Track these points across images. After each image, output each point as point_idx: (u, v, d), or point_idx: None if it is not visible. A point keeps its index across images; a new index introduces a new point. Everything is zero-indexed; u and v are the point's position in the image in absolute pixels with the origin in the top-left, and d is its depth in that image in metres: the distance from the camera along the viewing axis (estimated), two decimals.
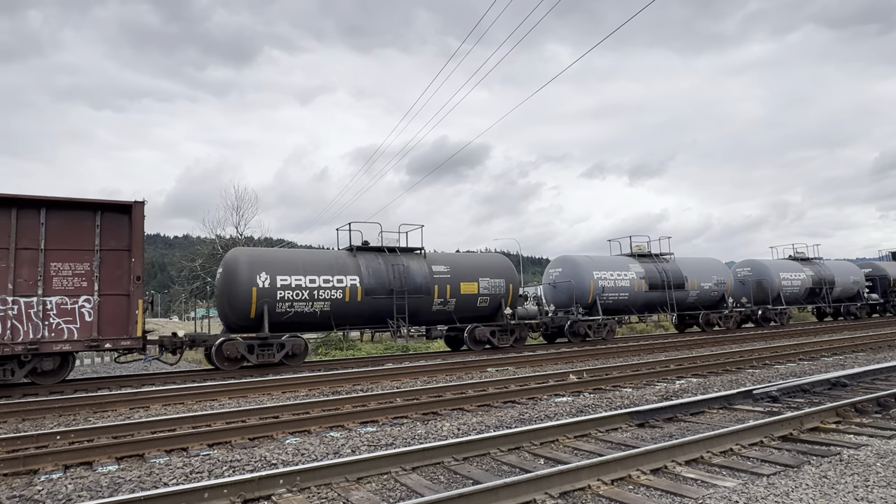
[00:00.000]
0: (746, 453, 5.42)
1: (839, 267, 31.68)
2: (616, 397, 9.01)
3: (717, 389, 9.44)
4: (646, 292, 23.06)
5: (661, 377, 11.12)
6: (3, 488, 5.13)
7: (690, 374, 11.44)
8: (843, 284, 30.89)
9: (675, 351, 16.95)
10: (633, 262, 23.56)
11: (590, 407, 8.28)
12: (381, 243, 17.93)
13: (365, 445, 6.31)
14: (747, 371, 11.72)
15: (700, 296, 24.78)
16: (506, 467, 5.34)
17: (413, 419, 7.83)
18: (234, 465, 5.59)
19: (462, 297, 18.16)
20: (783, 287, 28.06)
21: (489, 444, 5.81)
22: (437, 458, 5.45)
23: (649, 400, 8.67)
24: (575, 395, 9.48)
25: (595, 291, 21.68)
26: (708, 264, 25.88)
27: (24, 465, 5.74)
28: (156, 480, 5.18)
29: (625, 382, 10.53)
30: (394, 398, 9.30)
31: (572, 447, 5.96)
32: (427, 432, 6.86)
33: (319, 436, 6.93)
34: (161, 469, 5.54)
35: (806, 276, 29.28)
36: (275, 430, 7.13)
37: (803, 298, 29.47)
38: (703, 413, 7.54)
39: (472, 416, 7.85)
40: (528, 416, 7.75)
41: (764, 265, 28.40)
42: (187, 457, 6.08)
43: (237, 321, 15.32)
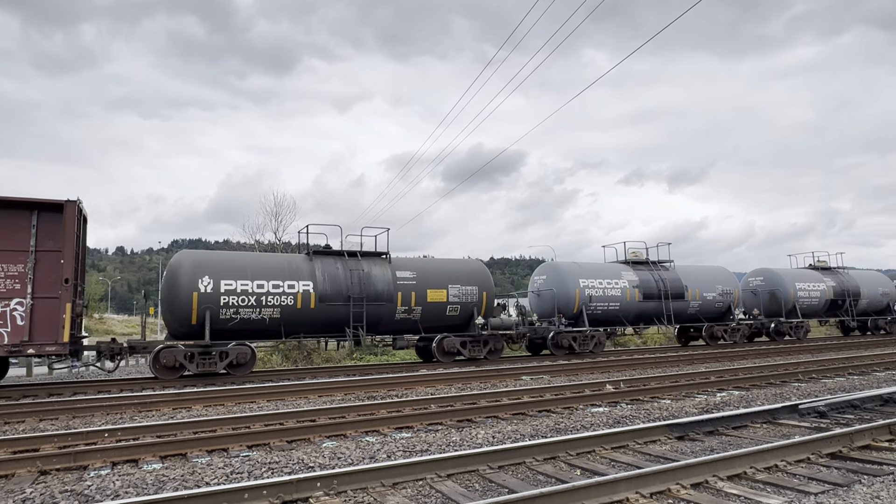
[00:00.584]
0: (792, 470, 5.24)
1: (866, 277, 29.43)
2: (654, 409, 8.83)
3: (761, 403, 9.16)
4: (639, 302, 21.47)
5: (700, 389, 10.84)
6: (55, 482, 5.36)
7: (732, 387, 11.13)
8: (871, 297, 28.63)
9: (669, 367, 16.49)
10: (626, 270, 22.05)
11: (627, 418, 8.13)
12: (342, 247, 17.06)
13: (400, 451, 6.35)
14: (792, 385, 11.33)
15: (702, 307, 23.12)
16: (541, 477, 5.29)
17: (447, 426, 7.84)
18: (273, 467, 5.69)
19: (429, 305, 17.07)
20: (799, 298, 26.16)
21: (524, 452, 5.77)
22: (472, 465, 5.44)
23: (689, 412, 8.47)
24: (612, 405, 9.33)
25: (581, 301, 20.26)
26: (712, 273, 24.26)
27: (75, 461, 5.98)
28: (198, 479, 5.32)
29: (663, 394, 10.31)
30: (428, 404, 9.32)
31: (609, 458, 5.86)
32: (462, 439, 6.86)
33: (355, 440, 7.01)
34: (203, 468, 5.68)
35: (826, 286, 27.28)
36: (312, 433, 7.24)
37: (823, 311, 27.41)
38: (745, 427, 7.33)
39: (506, 425, 7.81)
40: (563, 425, 7.67)
41: (777, 274, 26.60)
42: (228, 457, 6.22)
43: (178, 328, 14.61)
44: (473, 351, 17.48)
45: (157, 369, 13.74)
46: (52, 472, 5.77)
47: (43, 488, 5.13)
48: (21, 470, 5.73)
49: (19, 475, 5.64)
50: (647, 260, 23.08)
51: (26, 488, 5.15)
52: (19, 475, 5.64)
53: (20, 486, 5.21)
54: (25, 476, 5.61)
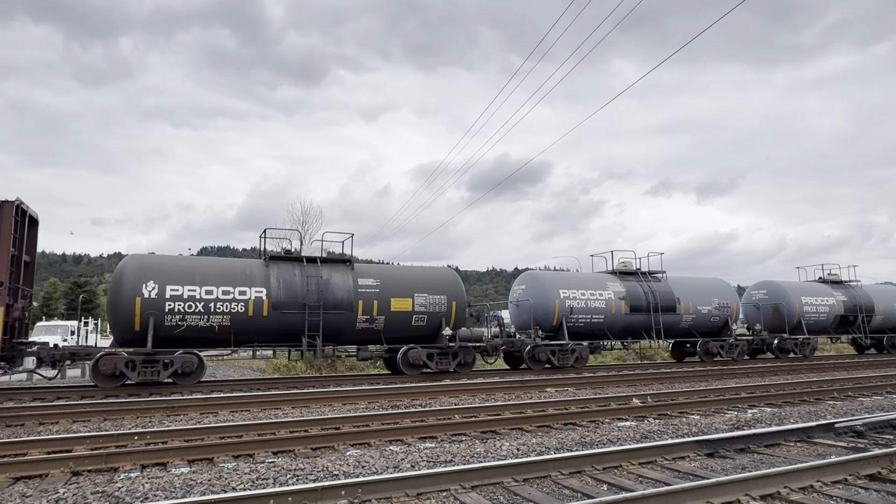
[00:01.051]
0: (829, 491, 5.07)
1: (881, 292, 27.16)
2: (683, 424, 8.65)
3: (794, 421, 8.90)
4: (626, 315, 20.13)
5: (731, 405, 10.58)
6: (87, 483, 5.47)
7: (763, 403, 10.84)
8: (886, 312, 26.54)
9: (697, 381, 16.10)
10: (612, 281, 20.72)
11: (655, 433, 7.98)
12: (301, 252, 16.21)
13: (424, 461, 6.32)
14: (827, 402, 10.99)
15: (696, 321, 21.65)
16: (567, 491, 5.21)
17: (472, 437, 7.79)
18: (298, 474, 5.72)
19: (393, 314, 16.20)
20: (805, 313, 24.44)
21: (550, 466, 5.70)
22: (496, 477, 5.39)
23: (719, 428, 8.27)
24: (639, 419, 9.16)
25: (561, 312, 19.02)
26: (708, 285, 22.85)
27: (106, 463, 6.09)
28: (224, 484, 5.38)
29: (692, 409, 10.09)
30: (452, 415, 9.28)
31: (637, 474, 5.75)
32: (486, 451, 6.80)
33: (379, 449, 7.01)
34: (229, 473, 5.74)
35: (836, 301, 25.45)
36: (336, 440, 7.26)
37: (832, 327, 25.54)
38: (778, 445, 7.12)
39: (531, 437, 7.72)
40: (589, 439, 7.55)
41: (781, 287, 24.91)
42: (253, 463, 6.28)
43: (122, 334, 14.06)
44: (441, 363, 16.50)
45: (97, 377, 13.28)
46: (84, 473, 5.89)
47: (75, 489, 5.24)
48: (55, 470, 5.87)
49: (53, 475, 5.77)
50: (637, 270, 21.75)
51: (59, 488, 5.26)
52: (53, 475, 5.77)
53: (54, 486, 5.34)
54: (59, 476, 5.74)
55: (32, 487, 5.36)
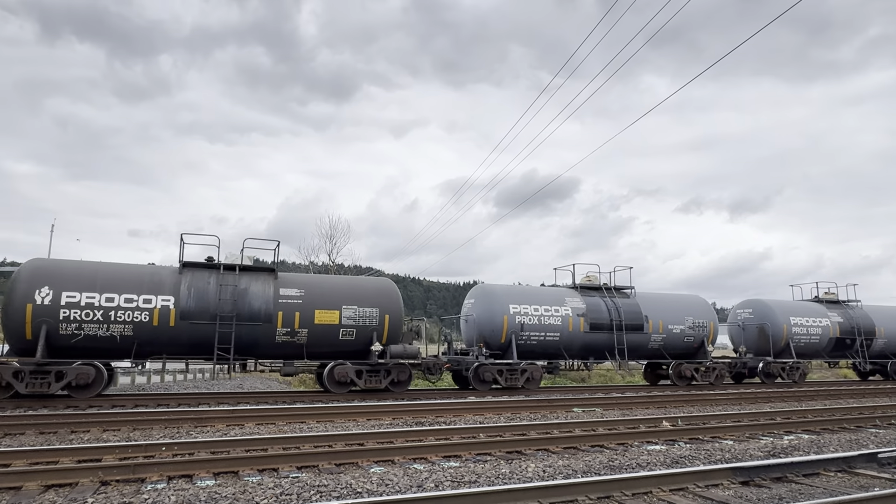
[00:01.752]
0: None
1: (884, 313, 24.91)
2: (715, 449, 8.37)
3: (834, 449, 8.54)
4: (585, 333, 18.51)
5: (766, 430, 10.23)
6: (115, 493, 5.53)
7: (800, 430, 10.45)
8: (891, 336, 24.35)
9: (730, 405, 15.56)
10: (572, 296, 19.10)
11: (686, 458, 7.74)
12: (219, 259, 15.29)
13: (448, 481, 6.23)
14: (869, 430, 10.54)
15: (667, 341, 19.88)
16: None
17: (496, 457, 7.66)
18: (322, 490, 5.69)
19: (317, 327, 15.11)
20: (794, 335, 22.41)
21: (577, 490, 5.56)
22: (522, 500, 5.27)
23: (754, 455, 7.98)
24: (669, 443, 8.91)
25: (510, 329, 17.54)
26: (682, 302, 20.93)
27: (134, 473, 6.16)
28: (249, 499, 5.37)
29: (725, 434, 9.78)
30: (477, 433, 9.17)
31: (668, 501, 5.57)
32: (511, 472, 6.68)
33: (403, 466, 6.94)
34: (254, 488, 5.74)
35: (831, 322, 23.35)
36: (360, 457, 7.22)
37: (827, 351, 23.55)
38: (817, 475, 6.83)
39: (557, 459, 7.56)
40: (618, 462, 7.36)
41: (768, 306, 22.99)
42: (278, 477, 6.27)
43: (15, 343, 13.37)
44: (371, 381, 15.32)
45: None
46: (112, 482, 5.96)
47: (104, 499, 5.30)
48: (84, 479, 5.95)
49: (82, 484, 5.85)
50: (601, 285, 20.14)
51: (88, 498, 5.33)
52: (82, 484, 5.85)
53: (83, 496, 5.40)
54: (88, 485, 5.82)
55: (62, 496, 5.44)
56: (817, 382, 24.54)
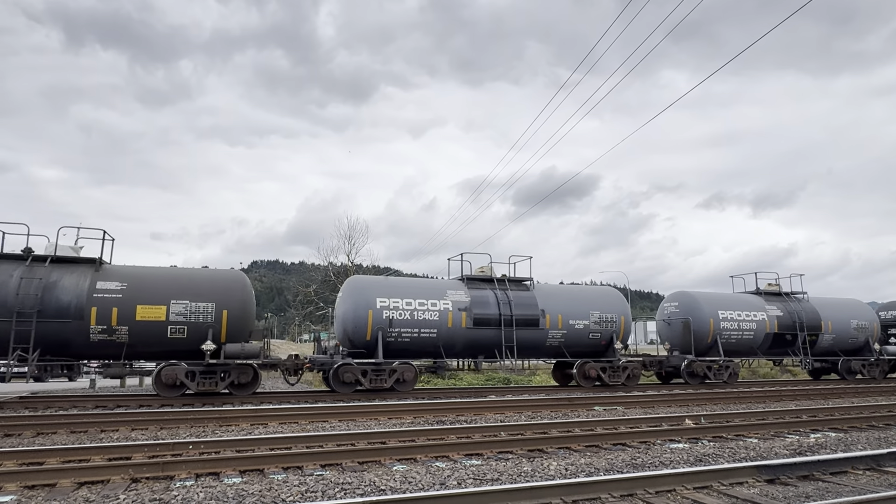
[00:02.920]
0: None
1: (833, 306, 22.63)
2: (740, 447, 8.29)
3: (862, 447, 8.40)
4: (468, 329, 16.68)
5: (791, 428, 10.09)
6: (146, 490, 5.66)
7: (827, 427, 10.29)
8: (839, 331, 22.14)
9: (754, 403, 15.32)
10: (455, 289, 17.23)
11: (710, 456, 7.67)
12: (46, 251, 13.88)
13: (470, 478, 6.27)
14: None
15: (568, 337, 17.92)
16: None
17: (518, 455, 7.68)
18: (346, 488, 5.77)
19: (139, 324, 13.62)
20: (722, 331, 20.12)
21: (600, 487, 5.55)
22: (544, 497, 5.29)
23: (779, 453, 7.88)
24: (692, 441, 8.84)
25: (376, 325, 15.82)
26: (587, 295, 19.17)
27: (163, 471, 6.30)
28: (275, 496, 5.47)
29: (749, 432, 9.67)
30: (498, 432, 9.19)
31: (692, 499, 5.54)
32: (533, 470, 6.69)
33: (425, 464, 6.99)
34: (280, 485, 5.84)
35: (767, 316, 21.01)
36: (382, 455, 7.29)
37: (763, 348, 21.26)
38: (845, 473, 6.72)
39: (579, 457, 7.56)
40: (640, 460, 7.33)
41: (694, 299, 20.72)
42: (302, 475, 6.37)
43: None
44: (206, 384, 14.00)
45: None
46: (142, 480, 6.11)
47: (134, 496, 5.44)
48: (115, 477, 6.10)
49: (114, 481, 6.00)
50: (493, 277, 18.18)
51: (120, 494, 5.47)
52: (114, 481, 6.00)
53: (115, 492, 5.55)
54: (119, 483, 5.97)
55: (95, 493, 5.59)
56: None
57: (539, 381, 22.21)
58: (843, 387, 19.01)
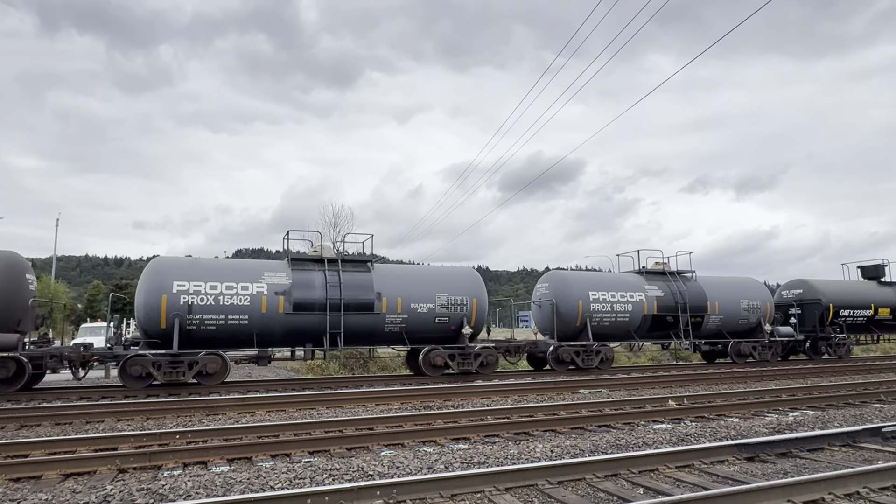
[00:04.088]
0: (876, 498, 4.90)
1: (721, 286, 21.09)
2: (721, 427, 8.47)
3: (838, 424, 8.63)
4: (287, 315, 14.87)
5: (771, 407, 10.32)
6: (133, 481, 5.66)
7: (805, 406, 10.54)
8: (727, 312, 20.59)
9: (736, 383, 15.64)
10: (276, 271, 15.31)
11: (692, 436, 7.84)
12: None
13: (458, 462, 6.35)
14: (873, 406, 10.62)
15: (410, 322, 15.97)
16: (602, 494, 5.17)
17: (505, 438, 7.78)
18: (334, 474, 5.81)
19: None
20: (593, 313, 18.52)
21: (585, 468, 5.66)
22: (531, 479, 5.38)
23: (759, 432, 8.07)
24: (675, 422, 9.01)
25: (172, 311, 13.97)
26: (437, 276, 17.08)
27: (150, 461, 6.30)
28: (263, 483, 5.50)
29: (730, 411, 9.87)
30: (485, 416, 9.29)
31: (674, 478, 5.66)
32: (519, 453, 6.79)
33: (413, 450, 7.06)
34: (268, 472, 5.87)
35: (647, 297, 19.35)
36: (370, 441, 7.35)
37: (642, 331, 19.51)
38: (822, 450, 6.91)
39: (565, 439, 7.68)
40: (624, 441, 7.46)
41: (563, 280, 19.13)
42: (290, 462, 6.40)
43: None
44: None
45: None
46: (129, 470, 6.10)
47: (122, 486, 5.43)
48: (102, 467, 6.09)
49: (100, 472, 5.99)
50: (323, 257, 16.14)
51: (107, 485, 5.46)
52: (100, 472, 5.99)
53: (101, 483, 5.54)
54: (106, 473, 5.95)
55: (82, 484, 5.58)
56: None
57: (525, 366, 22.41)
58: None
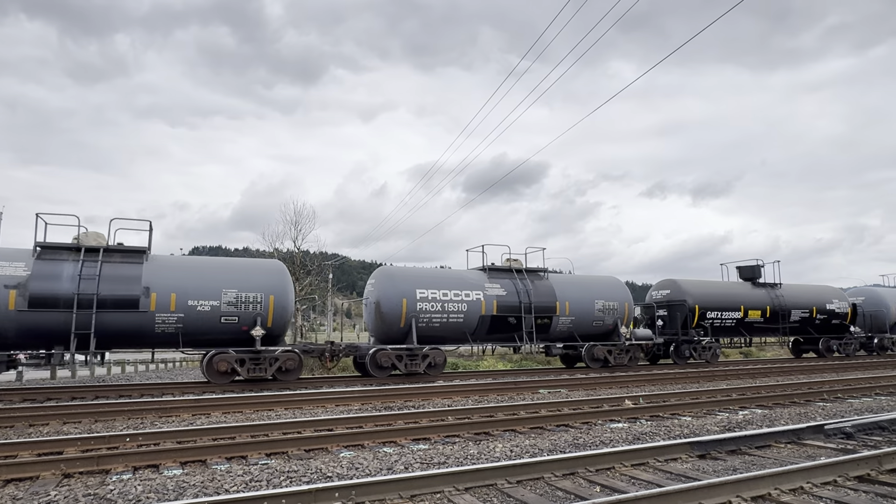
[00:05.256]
0: (819, 493, 5.12)
1: (575, 285, 19.37)
2: (675, 426, 8.70)
3: (785, 422, 8.97)
4: (21, 313, 12.65)
5: (722, 406, 10.65)
6: (79, 486, 5.43)
7: (754, 405, 10.92)
8: (579, 313, 18.84)
9: (689, 383, 16.19)
10: (12, 261, 12.93)
11: (647, 434, 8.02)
12: None
13: (418, 463, 6.33)
14: (817, 404, 11.09)
15: (188, 321, 14.00)
16: (560, 493, 5.23)
17: (465, 438, 7.80)
18: (291, 476, 5.71)
19: None
20: (420, 312, 16.47)
21: (543, 468, 5.72)
22: (490, 479, 5.40)
23: (710, 430, 8.33)
24: (631, 421, 9.21)
25: None
26: (225, 269, 15.03)
27: (98, 465, 6.06)
28: (217, 487, 5.36)
29: (684, 410, 10.15)
30: (446, 416, 9.29)
31: (629, 476, 5.78)
32: (479, 453, 6.82)
33: (373, 450, 7.01)
34: (223, 475, 5.72)
35: (486, 296, 17.48)
36: (329, 442, 7.25)
37: (481, 333, 17.62)
38: (769, 447, 7.18)
39: (524, 439, 7.75)
40: (582, 440, 7.59)
41: (390, 276, 17.21)
42: (247, 465, 6.26)
43: None
44: None
45: None
46: (75, 475, 5.85)
47: (67, 491, 5.21)
48: (45, 472, 5.82)
49: (44, 477, 5.73)
50: (80, 245, 13.70)
51: (51, 491, 5.23)
52: (44, 477, 5.73)
53: (45, 489, 5.30)
54: (50, 479, 5.70)
55: (23, 490, 5.32)
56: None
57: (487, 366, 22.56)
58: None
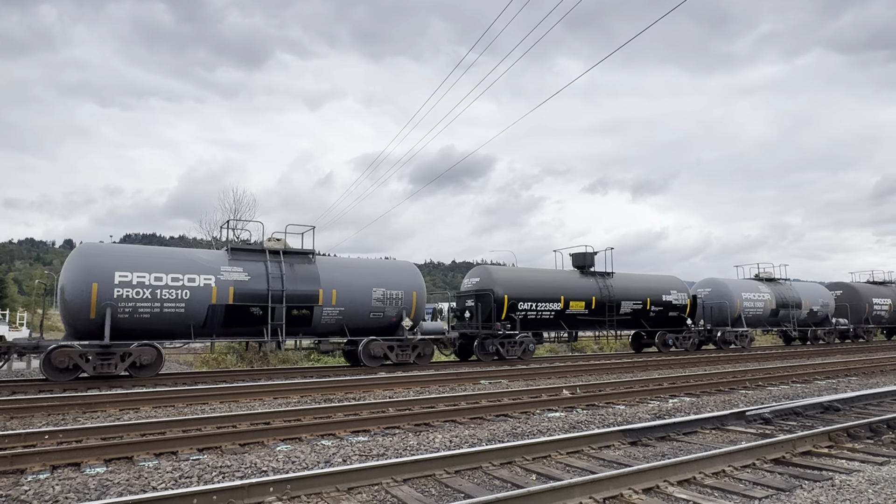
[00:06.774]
0: (739, 475, 5.41)
1: (346, 269, 16.75)
2: (609, 414, 8.99)
3: (710, 409, 9.44)
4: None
5: (654, 395, 11.09)
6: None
7: (683, 393, 11.43)
8: (352, 303, 16.19)
9: (624, 373, 16.90)
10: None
11: (583, 423, 8.25)
12: None
13: (356, 455, 6.27)
14: (740, 392, 11.72)
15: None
16: (497, 482, 5.31)
17: (405, 430, 7.79)
18: (224, 471, 5.54)
19: None
20: (121, 301, 13.44)
21: (481, 457, 5.78)
22: (428, 470, 5.42)
23: (642, 418, 8.65)
24: (568, 410, 9.45)
25: None
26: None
27: (12, 465, 5.68)
28: (144, 484, 5.13)
29: (618, 399, 10.50)
30: (386, 408, 9.25)
31: (565, 463, 5.93)
32: (419, 444, 6.83)
33: (311, 444, 6.89)
34: (150, 473, 5.48)
35: (220, 281, 14.38)
36: (266, 436, 7.08)
37: (215, 325, 14.57)
38: (695, 433, 7.53)
39: (464, 429, 7.81)
40: (520, 430, 7.72)
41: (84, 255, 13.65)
42: (177, 461, 6.02)
43: None
44: None
45: None
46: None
47: None
48: None
49: None
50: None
51: None
52: None
53: None
54: None
55: None
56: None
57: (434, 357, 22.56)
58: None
